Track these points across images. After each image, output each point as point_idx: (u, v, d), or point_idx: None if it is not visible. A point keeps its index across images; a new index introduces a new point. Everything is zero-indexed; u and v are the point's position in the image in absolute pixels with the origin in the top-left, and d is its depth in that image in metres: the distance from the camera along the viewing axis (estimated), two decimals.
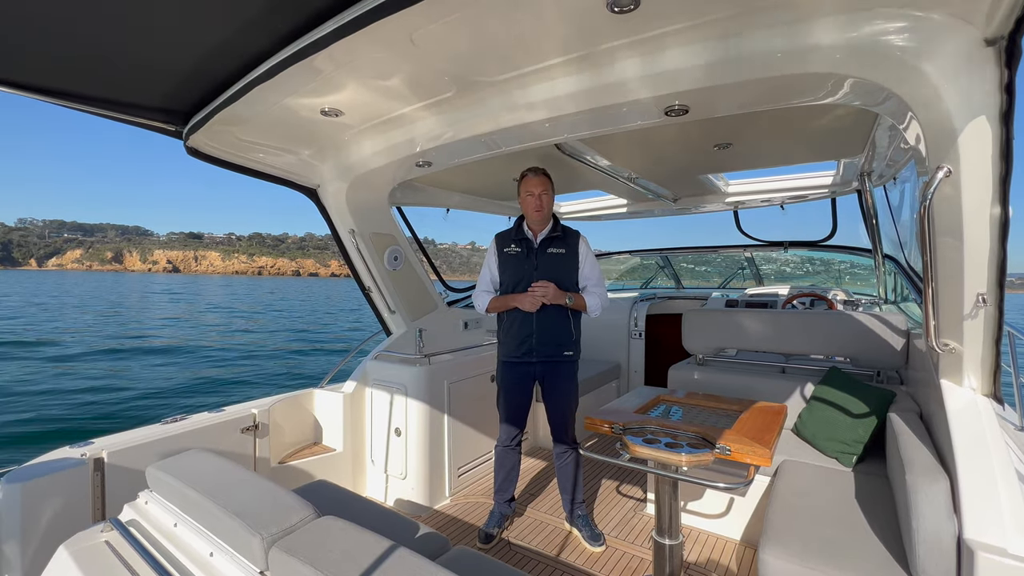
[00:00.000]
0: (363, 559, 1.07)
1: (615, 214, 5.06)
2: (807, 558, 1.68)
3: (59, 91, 1.81)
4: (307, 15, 1.43)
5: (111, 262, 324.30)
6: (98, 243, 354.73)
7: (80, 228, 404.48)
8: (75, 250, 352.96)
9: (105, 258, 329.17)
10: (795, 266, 6.20)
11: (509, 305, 2.63)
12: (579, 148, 2.93)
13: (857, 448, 2.36)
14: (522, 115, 2.02)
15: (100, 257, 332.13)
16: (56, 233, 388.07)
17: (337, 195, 2.95)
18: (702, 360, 3.38)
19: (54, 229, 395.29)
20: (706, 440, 1.79)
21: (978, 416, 1.62)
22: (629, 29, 1.49)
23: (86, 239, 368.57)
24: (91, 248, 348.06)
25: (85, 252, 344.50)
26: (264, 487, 1.42)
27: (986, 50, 1.18)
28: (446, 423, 3.15)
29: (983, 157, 1.28)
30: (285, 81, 1.73)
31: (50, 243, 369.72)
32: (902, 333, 2.73)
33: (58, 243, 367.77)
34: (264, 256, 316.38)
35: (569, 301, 2.56)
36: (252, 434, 2.71)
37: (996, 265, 1.41)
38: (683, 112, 1.88)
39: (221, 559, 1.28)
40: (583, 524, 2.69)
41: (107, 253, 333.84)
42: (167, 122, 2.18)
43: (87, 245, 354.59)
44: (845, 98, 1.61)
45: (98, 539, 1.45)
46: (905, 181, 2.92)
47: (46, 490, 1.90)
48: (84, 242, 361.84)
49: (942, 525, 1.45)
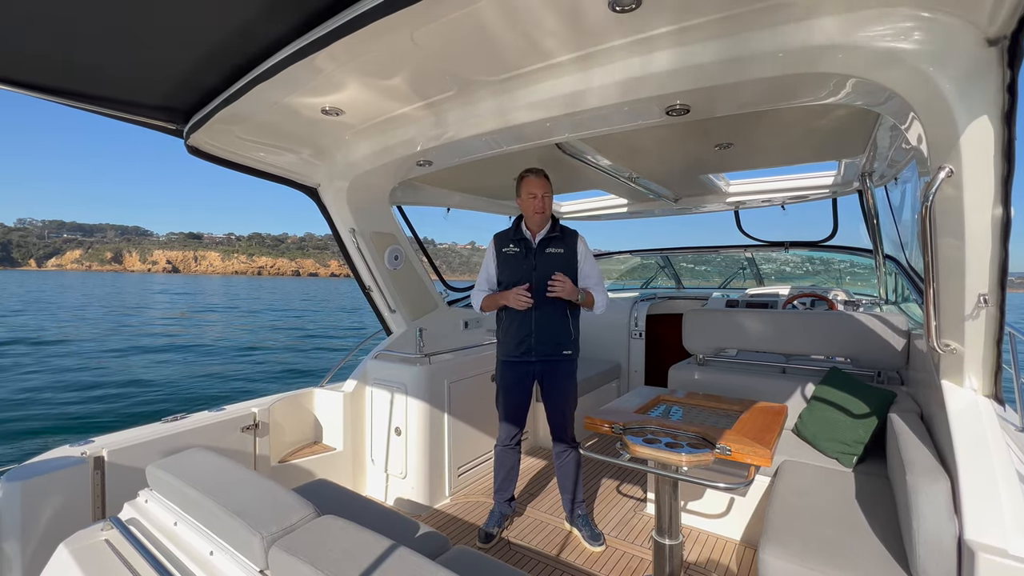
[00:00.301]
0: (363, 558, 1.07)
1: (616, 214, 5.05)
2: (807, 558, 1.67)
3: (61, 90, 1.82)
4: (307, 14, 1.43)
5: (111, 262, 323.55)
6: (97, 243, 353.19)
7: (80, 228, 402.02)
8: (75, 250, 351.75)
9: (105, 258, 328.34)
10: (795, 266, 6.19)
11: (498, 303, 2.64)
12: (580, 148, 2.93)
13: (857, 448, 2.36)
14: (523, 114, 2.01)
15: (100, 257, 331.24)
16: (55, 233, 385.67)
17: (338, 194, 2.94)
18: (702, 360, 3.38)
19: (53, 229, 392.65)
20: (706, 440, 1.78)
21: (979, 417, 1.62)
22: (630, 28, 1.49)
23: (86, 239, 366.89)
24: (91, 248, 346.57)
25: (84, 252, 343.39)
26: (264, 486, 1.42)
27: (989, 50, 1.17)
28: (446, 422, 3.15)
29: (985, 157, 1.27)
30: (286, 80, 1.73)
31: (49, 243, 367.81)
32: (903, 333, 2.72)
33: (57, 243, 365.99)
34: (264, 256, 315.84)
35: (581, 298, 2.59)
36: (252, 433, 2.71)
37: (997, 265, 1.40)
38: (684, 112, 1.87)
39: (221, 558, 1.28)
40: (583, 524, 2.69)
41: (107, 253, 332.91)
42: (168, 121, 2.18)
43: (87, 245, 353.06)
44: (847, 98, 1.61)
45: (98, 538, 1.45)
46: (906, 181, 2.92)
47: (46, 489, 1.90)
48: (84, 242, 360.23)
49: (943, 526, 1.45)
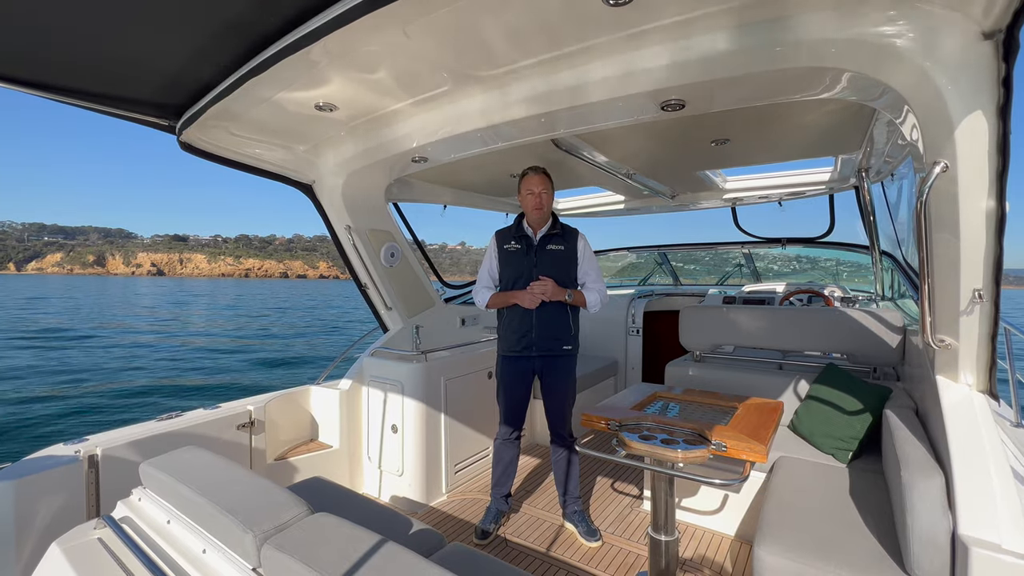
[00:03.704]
0: (355, 556, 1.07)
1: (613, 211, 5.05)
2: (802, 554, 1.68)
3: (52, 86, 1.80)
4: (300, 8, 1.42)
5: (93, 265, 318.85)
6: (80, 246, 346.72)
7: (61, 231, 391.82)
8: (55, 254, 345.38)
9: (87, 261, 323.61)
10: (783, 263, 6.20)
11: (509, 301, 2.64)
12: (576, 144, 2.92)
13: (853, 444, 2.37)
14: (518, 110, 2.00)
15: (82, 261, 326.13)
16: (36, 236, 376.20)
17: (333, 191, 2.93)
18: (699, 357, 3.38)
19: (34, 232, 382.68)
20: (702, 436, 1.79)
21: (973, 412, 1.62)
22: (625, 22, 1.48)
23: (67, 242, 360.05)
24: (72, 251, 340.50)
25: (66, 255, 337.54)
26: (258, 484, 1.41)
27: (984, 44, 1.16)
28: (443, 420, 3.15)
29: (980, 152, 1.27)
30: (278, 75, 1.72)
31: (29, 246, 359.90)
32: (898, 330, 2.73)
33: (38, 246, 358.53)
34: (251, 258, 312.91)
35: (568, 298, 2.58)
36: (248, 431, 2.70)
37: (992, 261, 1.40)
38: (679, 107, 1.87)
39: (213, 556, 1.27)
40: (579, 520, 2.69)
41: (89, 256, 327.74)
42: (160, 117, 2.16)
43: (68, 248, 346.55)
44: (842, 93, 1.60)
45: (91, 536, 1.44)
46: (902, 177, 2.91)
47: (40, 487, 1.89)
48: (65, 245, 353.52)
49: (937, 521, 1.45)
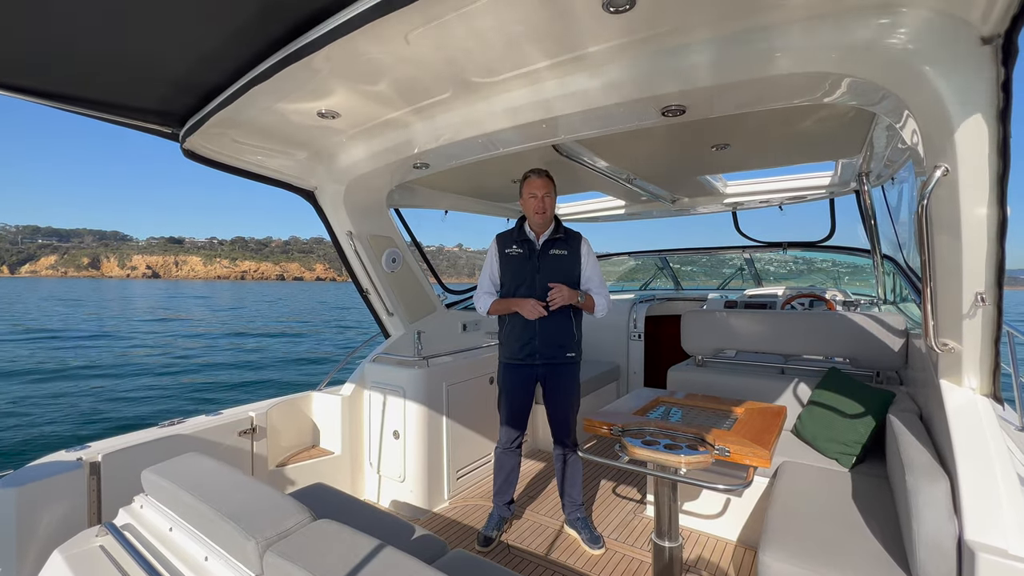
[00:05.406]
0: (357, 562, 1.07)
1: (613, 216, 5.06)
2: (807, 560, 1.67)
3: (56, 94, 1.81)
4: (301, 18, 1.43)
5: (87, 268, 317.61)
6: (74, 249, 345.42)
7: (56, 233, 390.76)
8: (50, 256, 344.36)
9: (82, 264, 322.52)
10: (779, 264, 6.21)
11: (510, 309, 2.62)
12: (577, 149, 2.93)
13: (856, 449, 2.35)
14: (519, 116, 2.01)
15: (76, 263, 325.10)
16: (30, 238, 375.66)
17: (335, 197, 2.94)
18: (701, 361, 3.37)
19: (28, 234, 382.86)
20: (705, 441, 1.78)
21: (978, 416, 1.61)
22: (625, 29, 1.49)
23: (61, 245, 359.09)
24: (67, 254, 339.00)
25: (60, 258, 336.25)
26: (260, 491, 1.41)
27: (983, 48, 1.17)
28: (445, 425, 3.14)
29: (980, 156, 1.27)
30: (281, 83, 1.73)
31: (23, 249, 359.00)
32: (901, 333, 2.72)
33: (32, 248, 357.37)
34: (247, 260, 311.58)
35: (581, 299, 2.57)
36: (250, 437, 2.70)
37: (994, 264, 1.40)
38: (680, 112, 1.87)
39: (215, 563, 1.27)
40: (582, 527, 2.67)
41: (83, 259, 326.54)
42: (164, 124, 2.18)
43: (62, 251, 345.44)
44: (842, 98, 1.61)
45: (92, 543, 1.44)
46: (903, 181, 2.92)
47: (42, 494, 1.88)
48: (59, 248, 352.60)
49: (942, 526, 1.44)
